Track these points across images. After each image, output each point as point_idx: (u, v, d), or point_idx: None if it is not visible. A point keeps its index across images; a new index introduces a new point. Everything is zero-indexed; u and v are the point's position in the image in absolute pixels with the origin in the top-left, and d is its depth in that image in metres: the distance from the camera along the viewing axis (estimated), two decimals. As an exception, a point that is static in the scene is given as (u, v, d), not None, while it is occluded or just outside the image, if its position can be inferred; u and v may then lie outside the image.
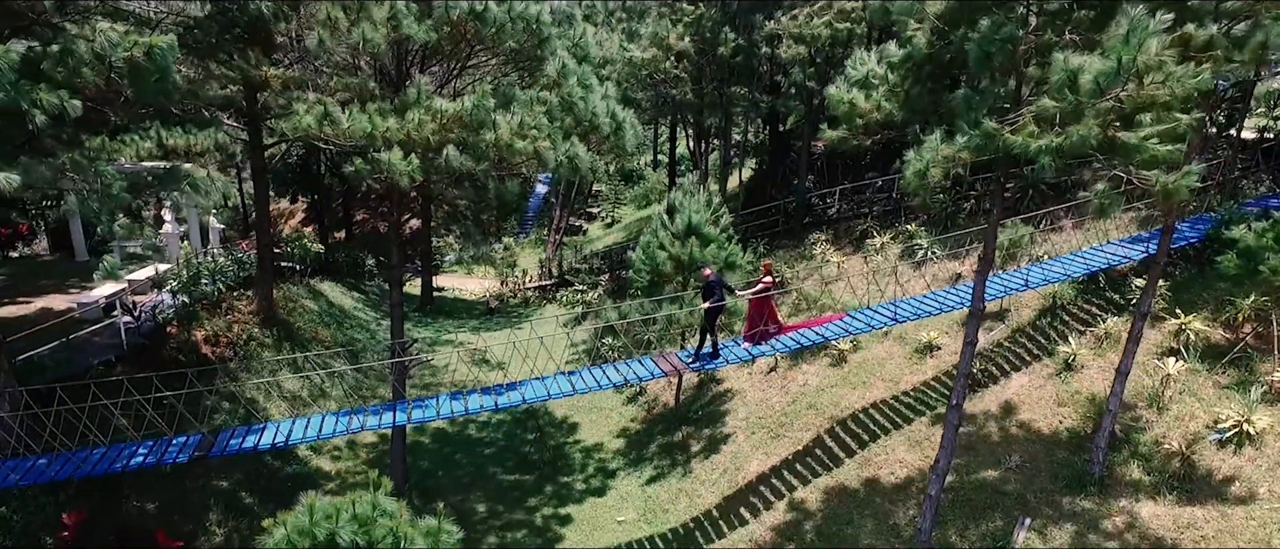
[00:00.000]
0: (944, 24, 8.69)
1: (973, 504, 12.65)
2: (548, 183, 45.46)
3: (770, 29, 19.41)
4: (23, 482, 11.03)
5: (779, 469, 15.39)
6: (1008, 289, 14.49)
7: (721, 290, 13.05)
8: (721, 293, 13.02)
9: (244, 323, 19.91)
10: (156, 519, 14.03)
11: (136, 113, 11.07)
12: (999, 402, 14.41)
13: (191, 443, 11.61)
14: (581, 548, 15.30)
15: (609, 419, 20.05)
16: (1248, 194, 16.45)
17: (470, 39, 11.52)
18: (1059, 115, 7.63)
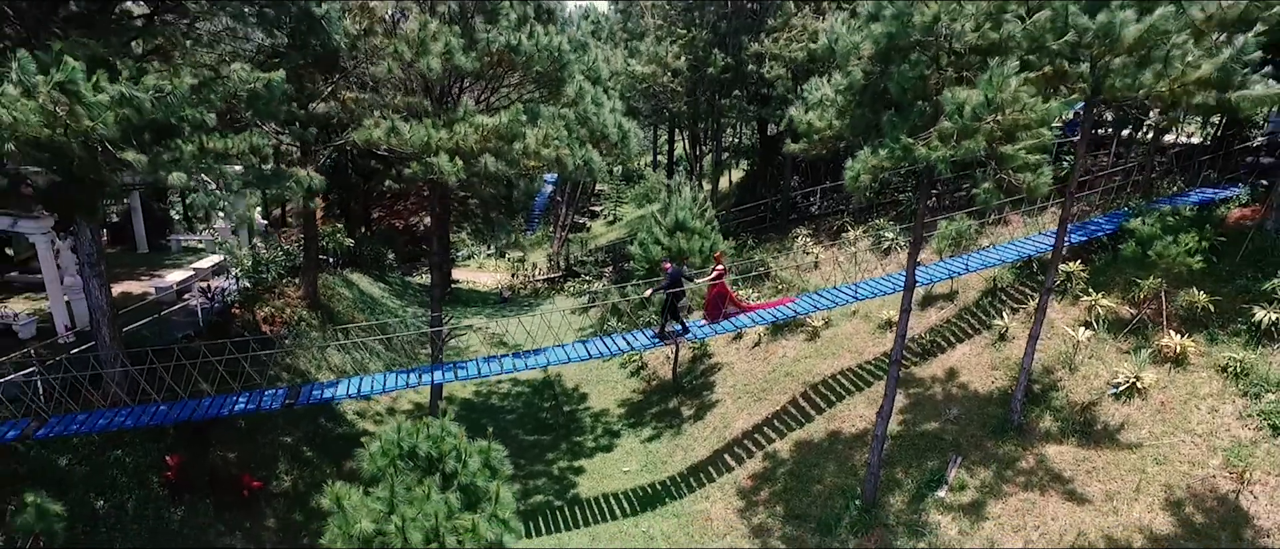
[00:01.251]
0: (875, 63, 11.23)
1: (917, 448, 15.19)
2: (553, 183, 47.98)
3: (755, 50, 21.96)
4: (143, 423, 13.58)
5: (759, 427, 17.96)
6: (951, 272, 17.07)
7: (680, 278, 15.57)
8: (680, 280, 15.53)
9: (294, 306, 22.47)
10: (237, 466, 16.58)
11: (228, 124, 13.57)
12: (944, 368, 16.96)
13: (281, 394, 14.18)
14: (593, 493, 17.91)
15: (614, 390, 22.63)
16: (1162, 192, 18.97)
17: (505, 66, 14.05)
18: (955, 133, 10.17)
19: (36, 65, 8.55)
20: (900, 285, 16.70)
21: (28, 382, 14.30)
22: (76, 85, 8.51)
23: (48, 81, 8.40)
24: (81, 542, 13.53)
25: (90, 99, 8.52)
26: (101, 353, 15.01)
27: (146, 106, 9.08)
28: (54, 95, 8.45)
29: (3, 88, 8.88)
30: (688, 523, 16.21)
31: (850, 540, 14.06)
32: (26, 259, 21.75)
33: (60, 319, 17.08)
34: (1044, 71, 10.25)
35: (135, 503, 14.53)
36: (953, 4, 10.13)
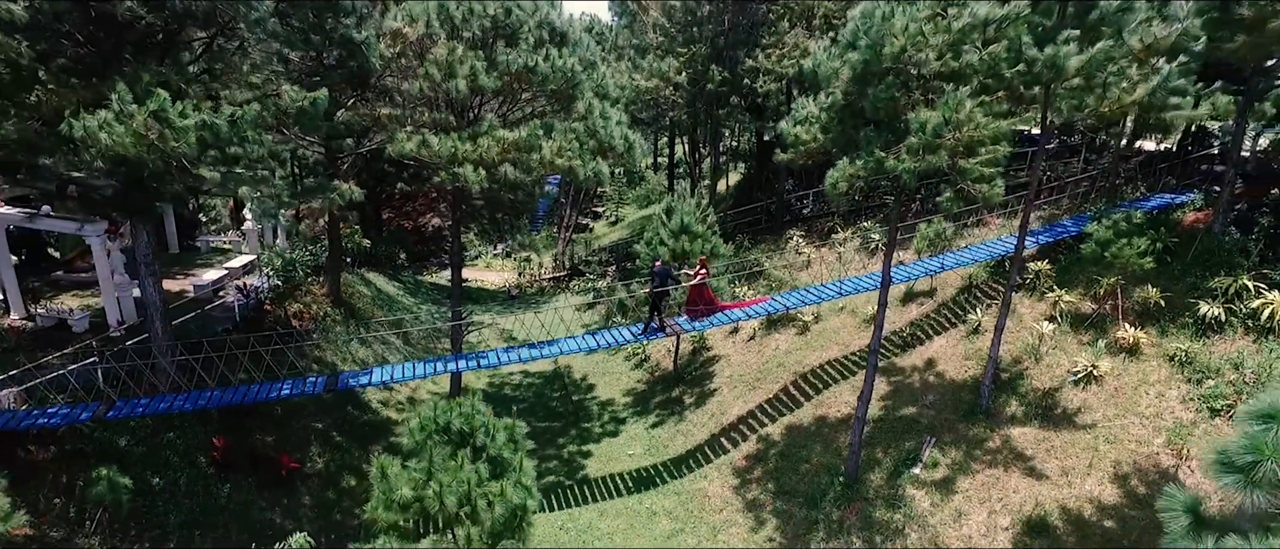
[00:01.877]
0: (853, 85, 12.63)
1: (895, 430, 16.60)
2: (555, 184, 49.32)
3: (750, 64, 23.34)
4: (198, 407, 14.99)
5: (754, 413, 19.38)
6: (929, 271, 18.48)
7: (668, 278, 16.99)
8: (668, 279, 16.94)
9: (319, 303, 23.90)
10: (275, 448, 18.00)
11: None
12: (923, 358, 18.38)
13: (320, 381, 15.61)
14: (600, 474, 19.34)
15: (619, 381, 24.05)
16: (1126, 196, 20.37)
17: (523, 84, 15.45)
18: (920, 148, 11.58)
19: (132, 95, 9.96)
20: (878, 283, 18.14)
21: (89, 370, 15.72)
22: (166, 112, 9.92)
23: (143, 110, 9.81)
24: (141, 513, 14.95)
25: (178, 124, 9.93)
26: (154, 344, 16.43)
27: (223, 130, 10.50)
28: (147, 122, 9.85)
29: (100, 114, 10.31)
30: (687, 500, 17.64)
31: (834, 513, 15.48)
32: (71, 259, 23.13)
33: (112, 314, 18.49)
34: (998, 95, 11.65)
35: (186, 480, 15.96)
36: (918, 37, 11.53)
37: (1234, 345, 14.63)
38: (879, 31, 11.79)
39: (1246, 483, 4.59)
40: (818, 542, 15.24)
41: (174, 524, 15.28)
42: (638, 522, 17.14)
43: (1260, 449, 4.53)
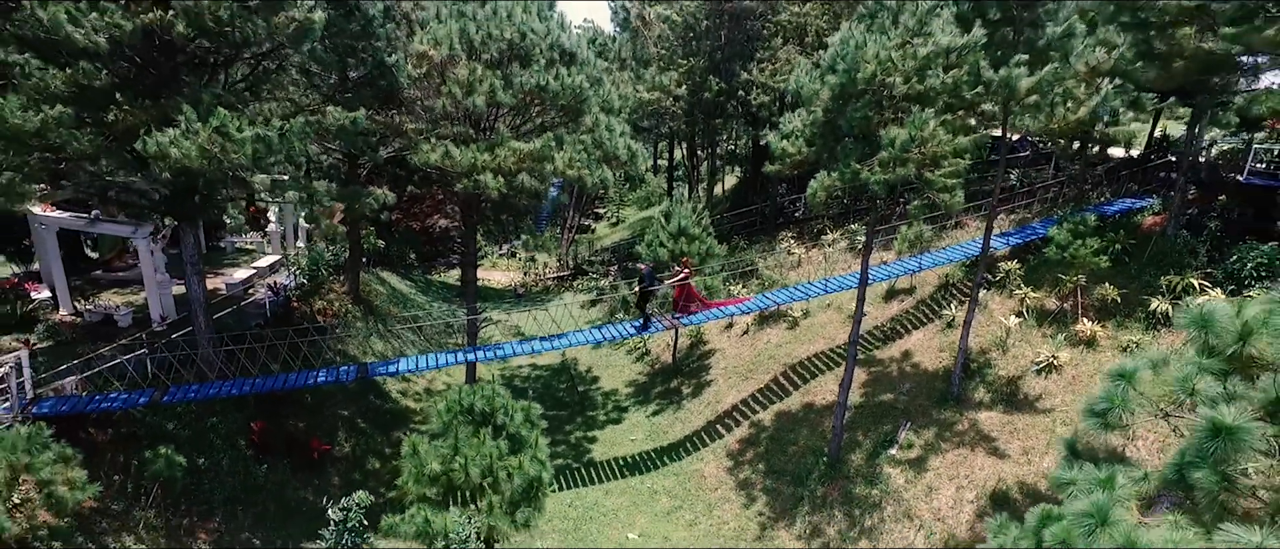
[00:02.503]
0: (832, 105, 14.06)
1: (875, 415, 18.04)
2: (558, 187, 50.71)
3: (745, 78, 24.75)
4: (242, 392, 16.45)
5: (746, 401, 20.82)
6: (907, 270, 19.92)
7: (654, 278, 18.45)
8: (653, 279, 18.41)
9: (341, 300, 25.34)
10: (306, 433, 19.43)
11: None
12: (901, 350, 19.82)
13: (352, 370, 17.06)
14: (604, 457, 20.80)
15: (622, 373, 25.50)
16: (1092, 200, 21.80)
17: (536, 100, 16.89)
18: (890, 162, 13.02)
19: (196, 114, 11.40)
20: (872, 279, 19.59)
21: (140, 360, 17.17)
22: (227, 129, 11.35)
23: (207, 127, 11.24)
24: (190, 490, 16.39)
25: (237, 137, 11.37)
26: (198, 336, 17.86)
27: (275, 142, 11.94)
28: (211, 137, 11.28)
29: (169, 132, 11.75)
30: (685, 480, 19.08)
31: (818, 490, 16.92)
32: (109, 259, 24.57)
33: (155, 309, 19.91)
34: (959, 113, 13.09)
35: (228, 461, 17.38)
36: (888, 63, 12.97)
37: (1180, 338, 16.06)
38: (854, 58, 13.23)
39: (1102, 425, 6.02)
40: (803, 516, 16.68)
41: (218, 500, 16.72)
42: (640, 499, 18.59)
43: (1112, 400, 5.95)
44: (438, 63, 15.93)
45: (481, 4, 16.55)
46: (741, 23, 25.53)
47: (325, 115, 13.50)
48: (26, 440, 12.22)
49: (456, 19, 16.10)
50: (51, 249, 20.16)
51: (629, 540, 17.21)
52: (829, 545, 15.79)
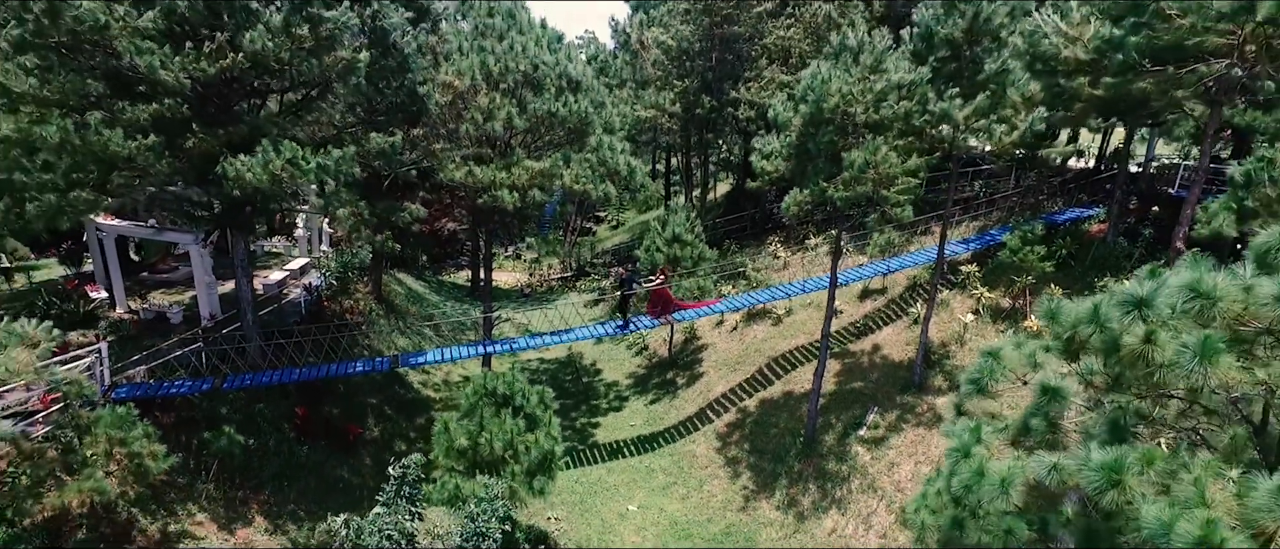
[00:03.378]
0: (803, 130, 16.13)
1: (846, 401, 20.13)
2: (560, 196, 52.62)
3: (735, 96, 26.82)
4: (290, 380, 18.51)
5: (734, 390, 22.90)
6: (877, 272, 22.00)
7: (634, 282, 20.57)
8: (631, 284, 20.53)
9: (365, 299, 27.40)
10: (342, 419, 21.48)
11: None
12: (872, 344, 21.90)
13: (386, 361, 19.13)
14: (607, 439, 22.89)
15: (622, 366, 27.58)
16: (1046, 209, 23.89)
17: (546, 124, 18.95)
18: (851, 181, 15.10)
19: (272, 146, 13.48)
20: (842, 281, 21.69)
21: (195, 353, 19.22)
22: (297, 159, 13.43)
23: (281, 157, 13.32)
24: (242, 467, 18.43)
25: (304, 167, 13.44)
26: (246, 331, 19.92)
27: (331, 168, 14.02)
28: (283, 165, 13.35)
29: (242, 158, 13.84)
30: (679, 460, 21.17)
31: (795, 466, 19.01)
32: (154, 262, 26.61)
33: (205, 308, 21.95)
34: (910, 138, 15.18)
35: (274, 442, 19.41)
36: (850, 96, 15.06)
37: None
38: (821, 90, 15.32)
39: (977, 391, 8.06)
40: (782, 489, 18.76)
41: (267, 476, 18.75)
42: (638, 476, 20.67)
43: (983, 372, 8.00)
44: (461, 91, 18.00)
45: (499, 39, 18.64)
46: (730, 45, 27.61)
47: (369, 140, 15.58)
48: (119, 419, 14.30)
49: (477, 53, 18.18)
50: (110, 254, 22.20)
51: (629, 512, 19.29)
52: (803, 514, 17.87)
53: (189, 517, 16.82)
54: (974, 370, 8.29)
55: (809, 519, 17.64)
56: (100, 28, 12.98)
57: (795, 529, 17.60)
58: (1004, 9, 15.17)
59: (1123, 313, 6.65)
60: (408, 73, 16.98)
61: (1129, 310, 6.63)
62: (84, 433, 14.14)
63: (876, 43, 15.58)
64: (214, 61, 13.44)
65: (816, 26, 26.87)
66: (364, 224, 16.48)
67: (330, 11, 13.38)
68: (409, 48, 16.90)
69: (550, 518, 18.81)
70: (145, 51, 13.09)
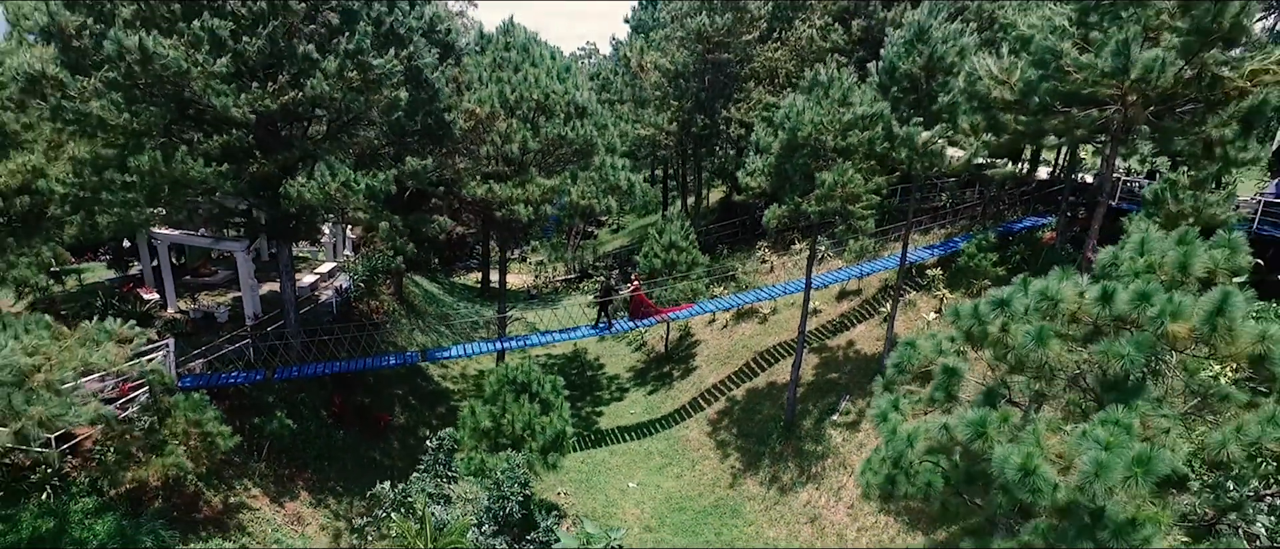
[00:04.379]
0: (781, 153, 18.37)
1: (822, 390, 22.38)
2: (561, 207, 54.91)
3: (725, 115, 29.07)
4: (330, 372, 20.74)
5: (724, 381, 25.16)
6: (850, 274, 24.26)
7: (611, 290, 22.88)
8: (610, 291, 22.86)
9: (388, 300, 29.65)
10: (371, 407, 23.72)
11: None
12: (846, 340, 24.16)
13: (415, 355, 21.37)
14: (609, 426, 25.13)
15: (623, 361, 29.84)
16: (1006, 218, 26.14)
17: (556, 145, 21.19)
18: (822, 198, 17.35)
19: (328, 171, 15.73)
20: (819, 284, 23.98)
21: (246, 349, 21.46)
22: (350, 181, 15.68)
23: (336, 180, 15.57)
24: (288, 449, 20.66)
25: (356, 188, 15.69)
26: (288, 329, 22.16)
27: (377, 187, 16.27)
28: (339, 189, 15.61)
29: (300, 180, 16.09)
30: (674, 443, 23.43)
31: (777, 447, 21.27)
32: (196, 267, 28.85)
33: (249, 308, 24.18)
34: (872, 162, 17.45)
35: (314, 427, 21.64)
36: (821, 125, 17.31)
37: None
38: (796, 120, 17.58)
39: (899, 372, 10.30)
40: (765, 467, 21.02)
41: (309, 457, 20.98)
42: (637, 458, 22.93)
43: (902, 357, 10.23)
44: (482, 118, 20.26)
45: (514, 70, 20.90)
46: (722, 68, 29.86)
47: (404, 162, 17.84)
48: (195, 404, 16.55)
49: (495, 83, 20.44)
50: (164, 260, 24.45)
51: (629, 488, 21.55)
52: (783, 488, 20.13)
53: (245, 490, 19.03)
54: (896, 357, 10.55)
55: (788, 493, 19.91)
56: (182, 73, 15.24)
57: (776, 502, 19.86)
58: (954, 49, 17.47)
59: (991, 311, 8.94)
60: (437, 103, 19.20)
61: (995, 309, 8.92)
62: (165, 416, 16.38)
63: (845, 79, 17.85)
64: (276, 99, 15.69)
65: (801, 49, 29.11)
66: (398, 235, 18.67)
67: (378, 60, 15.61)
68: (439, 83, 19.12)
69: (560, 493, 21.06)
70: (219, 92, 15.34)
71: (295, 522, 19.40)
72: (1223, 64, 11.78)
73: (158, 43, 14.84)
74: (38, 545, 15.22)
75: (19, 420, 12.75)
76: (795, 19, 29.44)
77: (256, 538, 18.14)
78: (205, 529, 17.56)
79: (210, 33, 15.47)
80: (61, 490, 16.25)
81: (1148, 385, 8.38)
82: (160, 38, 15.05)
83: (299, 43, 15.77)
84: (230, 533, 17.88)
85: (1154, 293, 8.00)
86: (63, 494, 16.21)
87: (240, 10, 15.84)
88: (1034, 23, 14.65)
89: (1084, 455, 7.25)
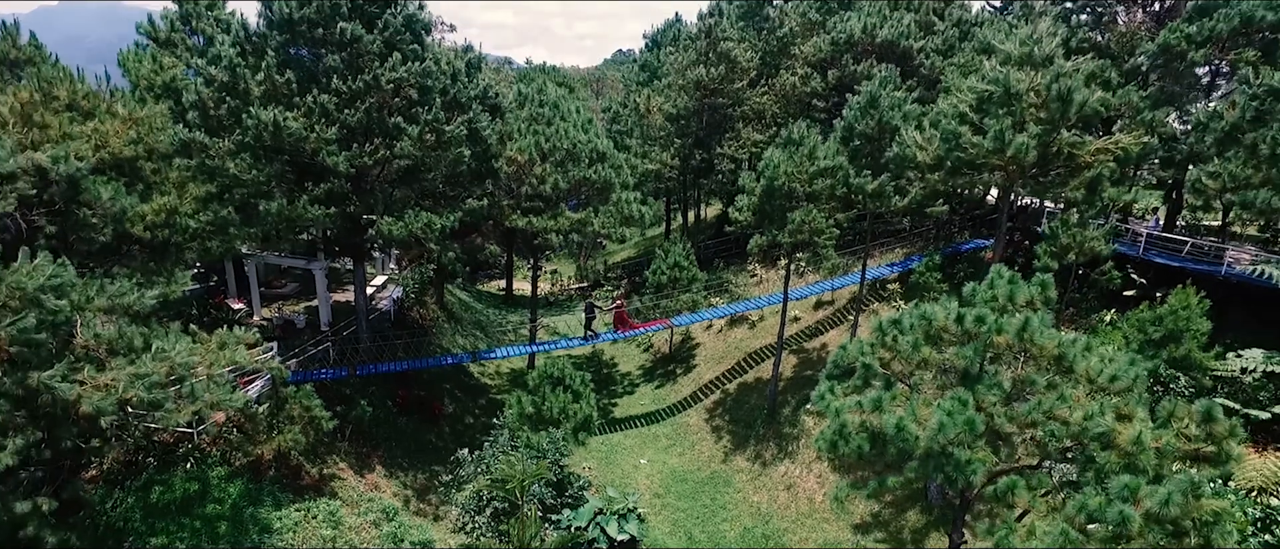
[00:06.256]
0: (760, 195, 22.54)
1: (799, 385, 26.53)
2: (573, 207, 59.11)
3: (720, 151, 33.28)
4: (400, 369, 24.95)
5: (719, 377, 29.35)
6: (822, 288, 28.45)
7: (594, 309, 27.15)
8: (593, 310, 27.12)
9: (432, 308, 33.87)
10: (426, 399, 27.90)
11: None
12: (821, 343, 28.33)
13: (466, 355, 25.58)
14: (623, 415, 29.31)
15: (633, 360, 34.05)
16: (956, 240, 30.29)
17: (581, 185, 25.41)
18: (793, 231, 21.55)
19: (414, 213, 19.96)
20: (795, 296, 28.19)
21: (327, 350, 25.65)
22: (429, 221, 19.91)
23: (418, 220, 19.79)
24: (362, 433, 24.84)
25: (436, 226, 19.92)
26: (360, 333, 26.36)
27: (447, 225, 20.49)
28: (422, 227, 19.83)
29: (388, 220, 20.33)
30: (677, 428, 27.62)
31: (761, 431, 25.44)
32: (270, 280, 33.09)
33: (324, 315, 28.42)
34: (833, 203, 21.65)
35: (382, 415, 25.85)
36: (792, 174, 21.50)
37: (986, 333, 24.58)
38: (773, 172, 21.78)
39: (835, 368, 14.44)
40: (751, 447, 25.20)
41: (381, 439, 25.14)
42: (647, 440, 27.12)
43: (837, 358, 14.38)
44: (522, 163, 24.50)
45: (547, 123, 25.13)
46: (716, 111, 34.09)
47: (464, 203, 22.10)
48: (305, 394, 20.73)
49: (532, 134, 24.66)
50: (252, 276, 28.68)
51: (641, 464, 25.73)
52: (765, 463, 24.30)
53: (335, 464, 23.22)
54: (834, 357, 14.73)
55: (769, 467, 24.07)
56: (303, 138, 19.48)
57: (760, 474, 24.04)
58: (899, 115, 21.69)
59: (891, 327, 13.15)
60: (488, 153, 23.44)
61: (893, 326, 13.12)
62: (283, 403, 20.58)
63: (813, 137, 22.06)
64: (372, 157, 19.94)
65: (785, 94, 33.32)
66: (458, 260, 22.89)
67: (449, 127, 19.85)
68: (490, 138, 23.37)
69: (586, 467, 25.23)
70: (330, 153, 19.59)
71: (373, 489, 23.59)
72: (1073, 144, 15.95)
73: (286, 117, 19.09)
74: (188, 502, 19.38)
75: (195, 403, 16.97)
76: (780, 68, 33.64)
77: (346, 501, 22.36)
78: (308, 494, 21.73)
79: (321, 107, 19.73)
80: (201, 461, 20.39)
81: (986, 375, 12.58)
82: (285, 111, 19.31)
83: (389, 115, 20.01)
84: (325, 496, 22.11)
85: (986, 316, 12.21)
86: (202, 464, 20.34)
87: (341, 88, 20.09)
88: (943, 109, 18.88)
89: (933, 419, 11.47)
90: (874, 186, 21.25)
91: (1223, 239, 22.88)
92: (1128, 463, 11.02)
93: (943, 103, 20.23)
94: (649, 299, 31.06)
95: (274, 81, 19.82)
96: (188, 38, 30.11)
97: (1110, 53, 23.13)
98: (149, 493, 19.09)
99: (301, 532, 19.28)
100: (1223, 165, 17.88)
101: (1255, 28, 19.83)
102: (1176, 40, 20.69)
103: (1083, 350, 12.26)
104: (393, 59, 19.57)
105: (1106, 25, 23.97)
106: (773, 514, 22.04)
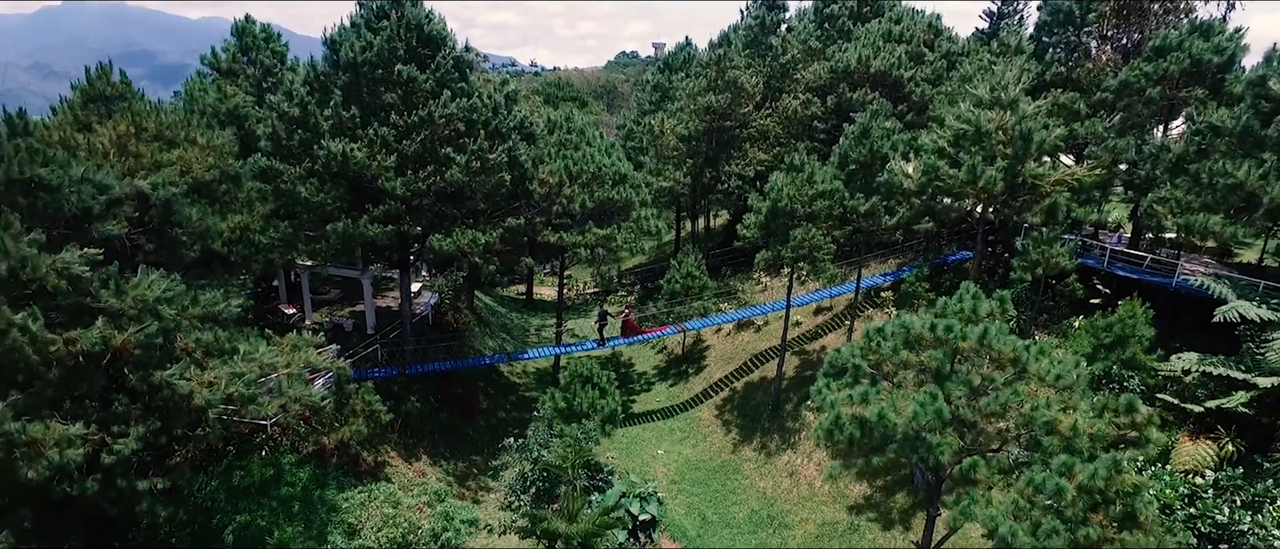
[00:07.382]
0: (766, 214, 24.90)
1: (801, 383, 28.83)
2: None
3: (727, 169, 35.70)
4: (443, 369, 27.40)
5: (727, 376, 31.71)
6: (822, 295, 30.82)
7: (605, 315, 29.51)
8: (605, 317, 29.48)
9: (463, 312, 36.32)
10: (463, 396, 30.33)
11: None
12: (821, 345, 30.66)
13: (501, 357, 28.04)
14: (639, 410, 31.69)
15: (649, 361, 36.44)
16: (945, 252, 32.58)
17: (605, 204, 27.83)
18: (794, 246, 23.92)
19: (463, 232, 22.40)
20: (797, 303, 30.55)
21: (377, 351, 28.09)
22: (475, 238, 22.35)
23: (466, 238, 22.22)
24: (410, 425, 27.27)
25: (480, 242, 22.35)
26: (404, 336, 28.81)
27: (494, 242, 22.94)
28: (469, 244, 22.26)
29: (437, 237, 22.80)
30: (690, 422, 30.00)
31: (766, 424, 27.80)
32: (315, 287, 35.57)
33: (371, 320, 30.88)
34: (830, 222, 24.01)
35: (425, 409, 28.28)
36: (793, 196, 23.88)
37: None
38: (777, 194, 24.16)
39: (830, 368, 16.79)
40: (757, 439, 27.55)
41: (425, 431, 27.56)
42: (662, 434, 29.50)
43: (832, 360, 16.71)
44: (552, 185, 26.95)
45: (574, 149, 27.57)
46: (724, 133, 36.51)
47: (504, 221, 24.57)
48: (367, 391, 23.17)
49: (561, 159, 27.10)
50: (305, 283, 31.17)
51: (658, 454, 28.11)
52: (770, 454, 26.66)
53: (387, 453, 25.68)
54: (829, 358, 17.09)
55: (774, 456, 26.43)
56: (366, 166, 21.96)
57: (765, 463, 26.40)
58: (888, 144, 24.06)
59: (875, 333, 15.53)
60: (525, 177, 25.92)
61: (877, 333, 15.50)
62: (347, 399, 23.03)
63: (812, 163, 24.44)
64: (426, 182, 22.41)
65: (787, 117, 35.70)
66: (498, 272, 25.33)
67: (493, 154, 22.31)
68: (526, 163, 25.83)
69: (609, 456, 27.61)
70: (389, 179, 22.07)
71: (421, 475, 26.04)
72: (1036, 175, 18.33)
73: (351, 148, 21.58)
74: (265, 485, 21.78)
75: (282, 398, 19.38)
76: (783, 93, 36.04)
77: (399, 485, 24.79)
78: (366, 479, 24.11)
79: (382, 138, 22.21)
80: (275, 449, 22.80)
81: (956, 374, 14.93)
82: (350, 143, 21.79)
83: (440, 146, 22.48)
84: (381, 481, 24.54)
85: (954, 326, 14.57)
86: (275, 452, 22.74)
87: (399, 121, 22.55)
88: (925, 143, 21.26)
89: (908, 409, 13.84)
90: (866, 207, 23.60)
91: (1179, 253, 25.13)
92: (1067, 445, 13.35)
93: (924, 137, 22.58)
94: (664, 305, 33.46)
95: (340, 116, 22.30)
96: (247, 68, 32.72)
97: (1080, 85, 25.44)
98: (231, 477, 21.47)
99: (365, 511, 21.64)
100: (1171, 191, 20.20)
101: (1203, 69, 22.12)
102: (1136, 77, 22.99)
103: (1037, 354, 14.61)
104: (444, 96, 22.03)
105: (1078, 60, 26.27)
106: (777, 498, 24.39)
